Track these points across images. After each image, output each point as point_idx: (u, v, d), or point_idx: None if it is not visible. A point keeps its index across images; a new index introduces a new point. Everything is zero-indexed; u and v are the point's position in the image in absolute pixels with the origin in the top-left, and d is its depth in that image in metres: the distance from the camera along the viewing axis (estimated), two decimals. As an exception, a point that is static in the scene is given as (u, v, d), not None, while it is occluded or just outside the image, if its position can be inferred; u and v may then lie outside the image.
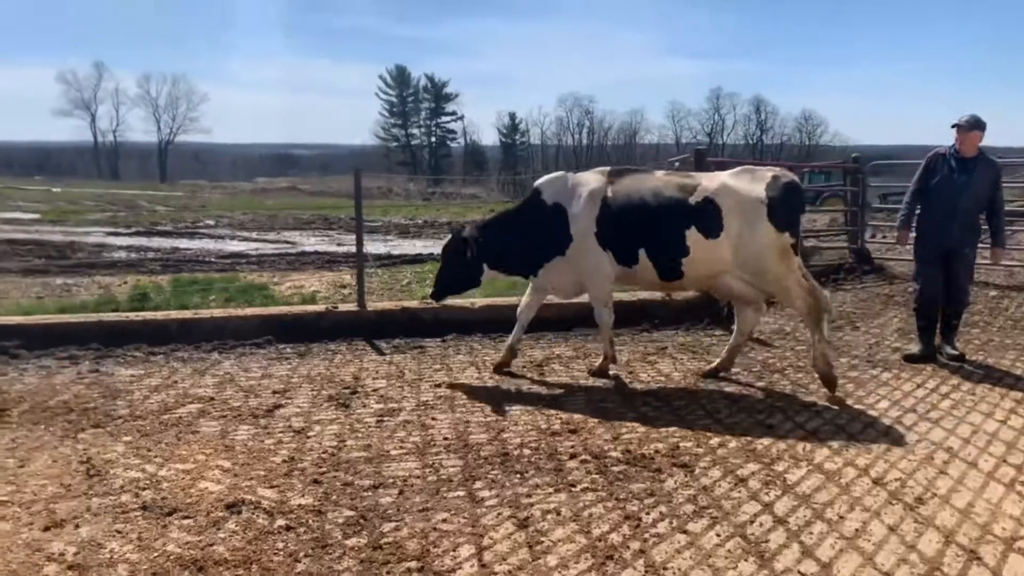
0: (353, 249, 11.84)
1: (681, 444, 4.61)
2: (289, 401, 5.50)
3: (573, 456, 4.42)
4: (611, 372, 6.07)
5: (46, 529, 3.55)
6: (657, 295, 8.35)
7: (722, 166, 10.88)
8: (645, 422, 5.02)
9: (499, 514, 3.70)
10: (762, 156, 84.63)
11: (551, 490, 3.97)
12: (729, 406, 5.34)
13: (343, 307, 7.78)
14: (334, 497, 3.93)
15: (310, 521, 3.66)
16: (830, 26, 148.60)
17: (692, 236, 5.55)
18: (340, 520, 3.67)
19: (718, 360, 6.18)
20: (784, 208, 5.52)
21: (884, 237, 14.30)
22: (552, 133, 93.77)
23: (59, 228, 21.26)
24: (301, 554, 3.36)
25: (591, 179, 5.83)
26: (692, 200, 5.58)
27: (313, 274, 11.62)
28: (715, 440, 4.68)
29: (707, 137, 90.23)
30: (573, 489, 3.98)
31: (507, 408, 5.31)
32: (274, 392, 5.71)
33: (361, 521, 3.66)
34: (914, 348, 6.67)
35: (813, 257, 11.79)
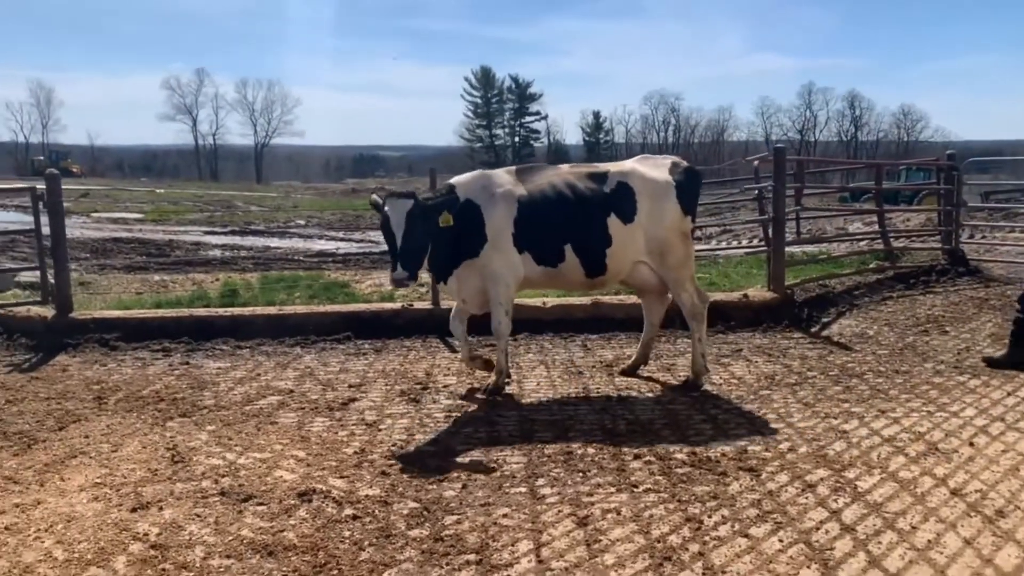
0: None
1: (749, 448, 4.52)
2: (364, 395, 5.67)
3: (637, 457, 4.40)
4: (504, 388, 5.68)
5: (133, 510, 3.79)
6: (734, 295, 8.20)
7: (804, 167, 10.56)
8: (714, 425, 4.95)
9: (559, 511, 3.73)
10: (856, 153, 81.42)
11: (612, 490, 3.97)
12: (802, 410, 5.20)
13: (418, 305, 7.95)
14: (400, 489, 4.03)
15: (376, 511, 3.78)
16: (930, 16, 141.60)
17: (613, 224, 5.53)
18: (405, 511, 3.77)
19: (634, 356, 6.23)
20: (689, 192, 5.72)
21: (983, 237, 13.56)
22: (637, 131, 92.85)
23: (160, 227, 22.48)
24: (365, 543, 3.48)
25: (504, 178, 5.61)
26: (607, 187, 5.60)
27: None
28: (785, 444, 4.57)
29: (798, 134, 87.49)
30: (635, 489, 3.97)
31: (573, 408, 5.32)
32: (350, 386, 5.89)
33: (424, 513, 3.75)
34: (1000, 353, 6.32)
35: (904, 258, 11.31)
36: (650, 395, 5.61)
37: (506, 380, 5.73)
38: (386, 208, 5.13)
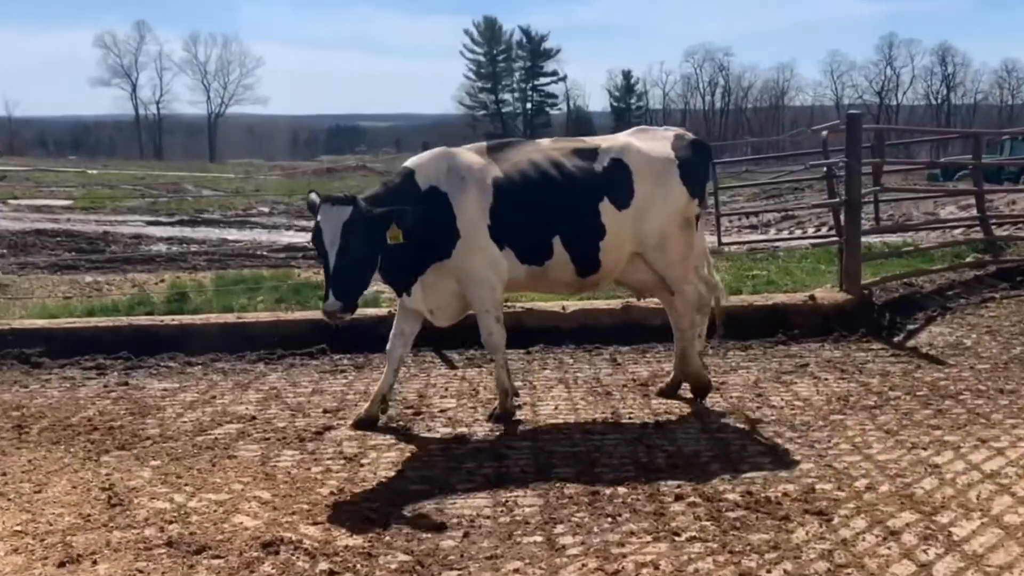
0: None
1: (817, 486, 4.51)
2: (342, 422, 5.69)
3: (679, 498, 4.39)
4: (515, 412, 5.65)
5: (61, 565, 3.80)
6: (798, 297, 8.20)
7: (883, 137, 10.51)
8: (773, 458, 4.95)
9: (583, 565, 3.72)
10: (949, 120, 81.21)
11: (649, 538, 3.96)
12: (883, 439, 5.19)
13: (409, 311, 7.96)
14: (387, 538, 4.04)
15: (358, 566, 3.78)
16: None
17: (606, 210, 5.55)
18: (393, 566, 3.78)
19: (671, 374, 6.22)
20: (696, 170, 5.79)
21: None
22: (677, 95, 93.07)
23: (92, 216, 22.64)
24: (344, 605, 3.48)
25: (473, 159, 5.55)
26: (598, 165, 5.64)
27: (378, 271, 11.92)
28: (862, 482, 4.56)
29: (876, 97, 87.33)
30: (677, 538, 3.96)
31: (600, 437, 5.33)
32: (325, 411, 5.92)
33: (417, 568, 3.75)
34: None
35: (1009, 250, 11.26)
36: (694, 421, 5.61)
37: (515, 402, 5.72)
38: (318, 216, 5.01)
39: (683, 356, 5.99)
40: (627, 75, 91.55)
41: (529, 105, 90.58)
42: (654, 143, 5.82)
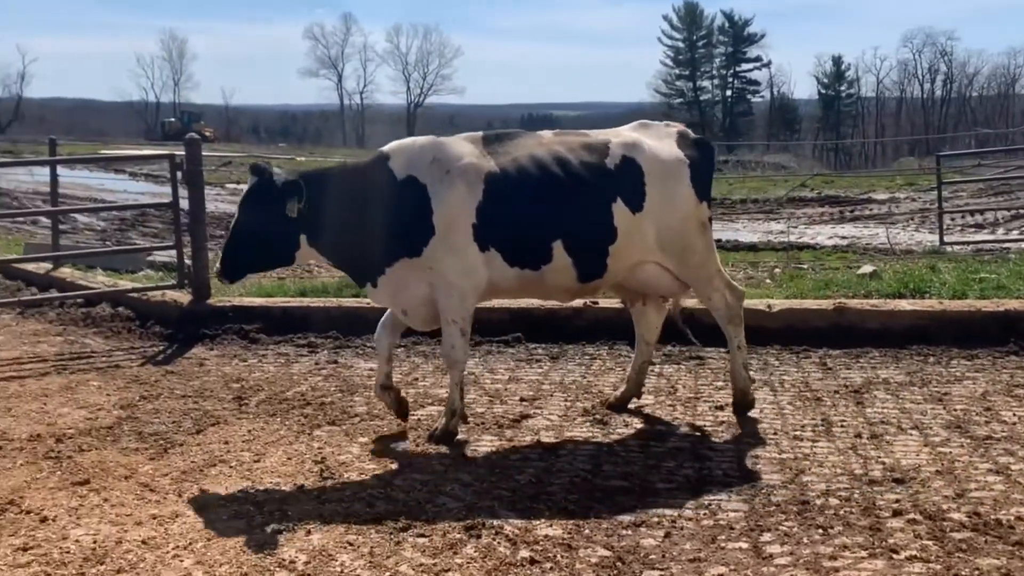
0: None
1: (1058, 512, 4.17)
2: (538, 411, 5.79)
3: (897, 513, 4.19)
4: (457, 434, 5.27)
5: (279, 532, 4.08)
6: (1033, 304, 7.59)
7: None
8: (1005, 478, 4.61)
9: (792, 576, 3.63)
10: None
11: (864, 553, 3.81)
12: None
13: (603, 303, 7.98)
14: (587, 531, 4.08)
15: (558, 556, 3.84)
16: None
17: (619, 212, 5.23)
18: (593, 560, 3.81)
19: (623, 388, 5.90)
20: (704, 172, 5.54)
21: None
22: (892, 82, 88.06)
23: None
24: (545, 594, 3.55)
25: (465, 150, 5.20)
26: (609, 162, 5.28)
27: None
28: (1111, 512, 4.17)
29: None
30: (895, 556, 3.78)
31: (810, 444, 5.15)
32: (522, 399, 6.03)
33: (618, 564, 3.77)
34: None
35: None
36: (914, 433, 5.32)
37: (460, 424, 5.33)
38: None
39: (731, 372, 5.77)
40: (837, 61, 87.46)
41: (729, 93, 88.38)
42: (662, 141, 5.51)
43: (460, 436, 5.33)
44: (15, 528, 4.16)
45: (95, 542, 4.00)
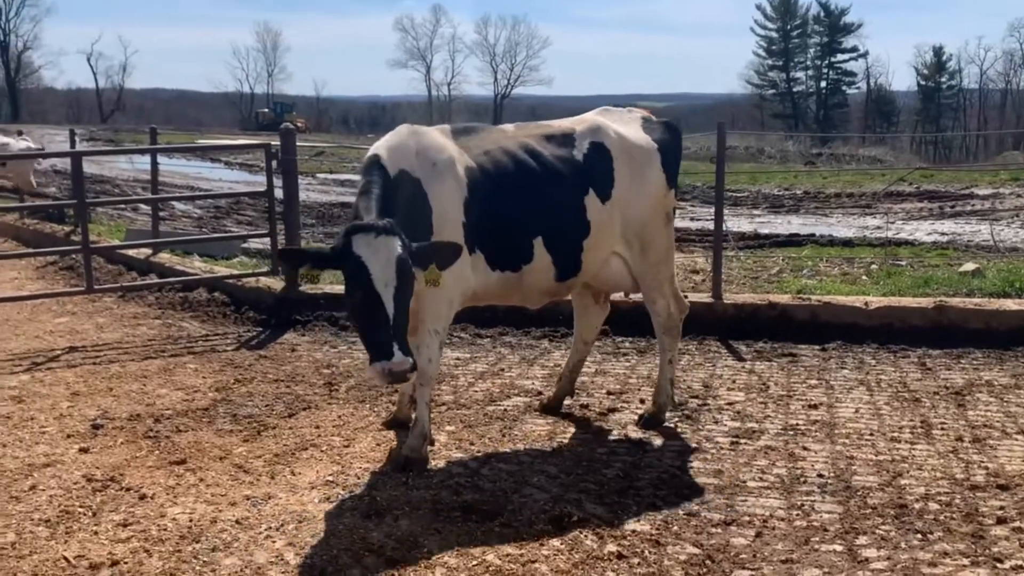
0: (709, 225, 11.91)
1: None
2: (625, 405, 5.74)
3: (1001, 521, 4.04)
4: (428, 461, 4.78)
5: (367, 517, 4.14)
6: None
7: None
8: (1120, 488, 4.40)
9: (889, 583, 3.52)
10: None
11: (966, 561, 3.68)
12: None
13: (693, 297, 7.85)
14: (675, 528, 4.03)
15: (646, 552, 3.81)
16: None
17: (591, 204, 5.02)
18: (682, 557, 3.77)
19: (555, 387, 5.74)
20: (674, 157, 5.35)
21: None
22: (996, 73, 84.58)
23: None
24: (633, 590, 3.52)
25: (441, 141, 4.83)
26: (577, 153, 5.06)
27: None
28: None
29: None
30: (999, 565, 3.65)
31: (908, 446, 4.99)
32: (609, 393, 6.00)
33: (707, 563, 3.72)
34: None
35: None
36: (1020, 438, 5.11)
37: (429, 446, 4.86)
38: (358, 250, 4.15)
39: (656, 385, 5.53)
40: (938, 51, 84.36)
41: (824, 84, 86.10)
42: (628, 126, 5.28)
43: (545, 428, 5.32)
44: (116, 504, 4.31)
45: (191, 520, 4.13)
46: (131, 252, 10.35)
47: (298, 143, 9.12)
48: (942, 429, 5.25)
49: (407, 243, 4.23)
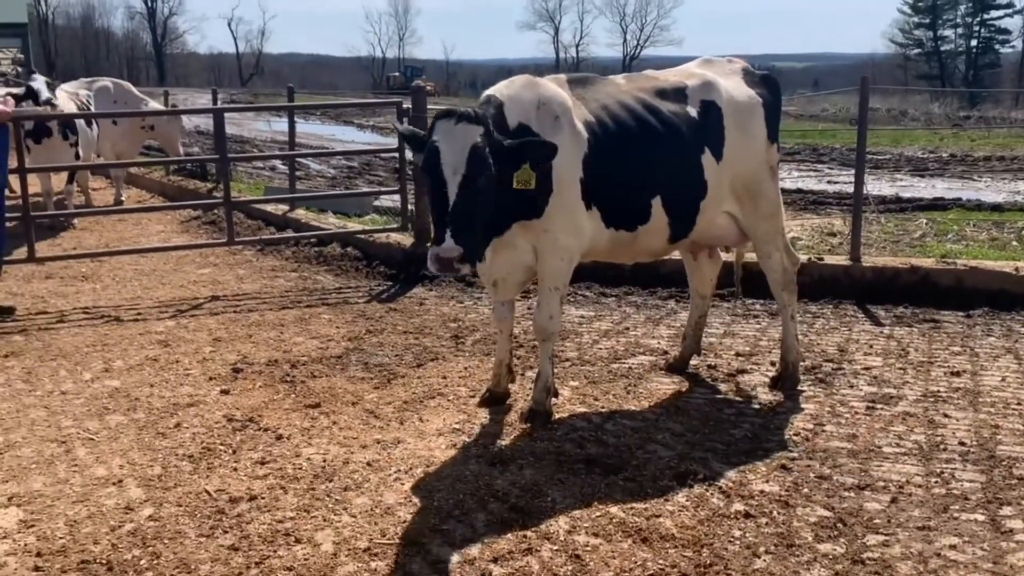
0: (849, 188, 11.46)
1: None
2: (755, 367, 5.62)
3: None
4: (553, 414, 4.75)
5: (492, 464, 4.21)
6: None
7: None
8: None
9: (1035, 556, 3.35)
10: None
11: (1123, 540, 3.46)
12: None
13: (829, 259, 7.60)
14: (805, 490, 3.94)
15: (774, 512, 3.74)
16: None
17: (708, 163, 4.86)
18: (812, 519, 3.68)
19: (681, 347, 5.65)
20: (775, 111, 5.21)
21: None
22: None
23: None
24: (761, 549, 3.46)
25: (560, 94, 4.58)
26: (692, 109, 4.89)
27: (794, 217, 11.57)
28: None
29: None
30: None
31: (1060, 416, 4.72)
32: (737, 355, 5.88)
33: (839, 526, 3.62)
34: None
35: None
36: None
37: (554, 401, 4.86)
38: (435, 137, 4.10)
39: (783, 343, 5.32)
40: (1105, 5, 78.53)
41: (975, 42, 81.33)
42: (732, 79, 5.07)
43: (670, 387, 5.27)
44: (254, 443, 4.51)
45: (324, 460, 4.28)
46: (269, 208, 10.73)
47: (431, 105, 9.22)
48: (1099, 401, 4.94)
49: (494, 136, 4.14)
